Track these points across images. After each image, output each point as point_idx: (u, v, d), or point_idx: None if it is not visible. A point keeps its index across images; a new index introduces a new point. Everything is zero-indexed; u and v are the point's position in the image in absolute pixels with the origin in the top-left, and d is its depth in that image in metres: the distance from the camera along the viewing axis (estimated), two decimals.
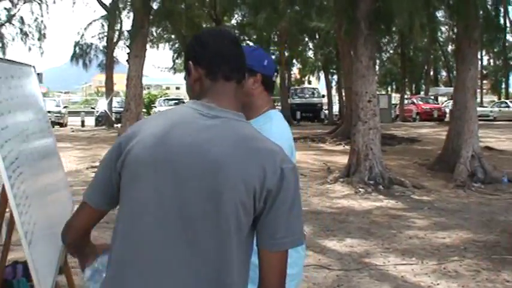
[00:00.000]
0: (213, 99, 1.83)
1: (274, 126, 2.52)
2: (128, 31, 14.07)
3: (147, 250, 1.72)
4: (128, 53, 16.16)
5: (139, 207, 1.74)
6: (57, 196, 4.13)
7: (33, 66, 4.28)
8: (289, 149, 2.46)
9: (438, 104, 41.32)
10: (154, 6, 17.04)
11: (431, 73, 50.02)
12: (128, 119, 13.88)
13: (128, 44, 19.92)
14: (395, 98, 45.96)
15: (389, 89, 53.57)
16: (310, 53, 42.05)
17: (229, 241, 1.70)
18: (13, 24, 36.77)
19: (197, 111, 1.80)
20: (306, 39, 35.97)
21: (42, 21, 35.55)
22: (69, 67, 35.39)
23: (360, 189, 10.79)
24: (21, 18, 36.43)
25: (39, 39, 35.70)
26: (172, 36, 31.45)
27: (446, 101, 41.42)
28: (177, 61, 36.24)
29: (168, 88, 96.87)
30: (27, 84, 3.72)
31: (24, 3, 35.40)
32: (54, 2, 40.50)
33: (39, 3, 35.11)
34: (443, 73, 53.71)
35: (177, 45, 33.55)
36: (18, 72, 3.47)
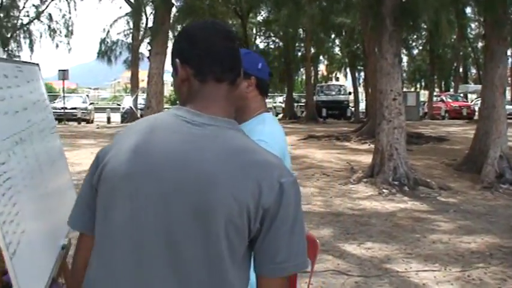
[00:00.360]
0: (201, 104, 1.61)
1: (266, 128, 2.46)
2: (149, 28, 13.92)
3: (126, 280, 1.50)
4: (149, 50, 16.10)
5: (116, 230, 1.52)
6: (60, 199, 3.97)
7: (37, 64, 4.13)
8: (281, 153, 2.34)
9: (467, 101, 40.62)
10: (177, 3, 16.96)
11: (461, 70, 49.22)
12: None
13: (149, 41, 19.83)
14: (424, 95, 45.32)
15: (418, 86, 52.87)
16: (337, 50, 41.74)
17: (221, 268, 1.48)
18: (41, 21, 37.31)
19: (182, 119, 1.58)
20: (333, 35, 35.61)
21: (70, 18, 36.00)
22: (99, 63, 35.62)
23: (384, 190, 10.52)
24: (50, 15, 36.91)
25: (66, 35, 36.30)
26: None
27: (476, 98, 40.65)
28: None
29: None
30: (25, 83, 3.55)
31: (52, 0, 35.72)
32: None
33: (67, 0, 35.51)
34: (473, 70, 52.82)
35: None
36: (13, 71, 3.30)
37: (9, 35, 40.26)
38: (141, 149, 1.53)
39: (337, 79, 52.66)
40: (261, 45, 41.00)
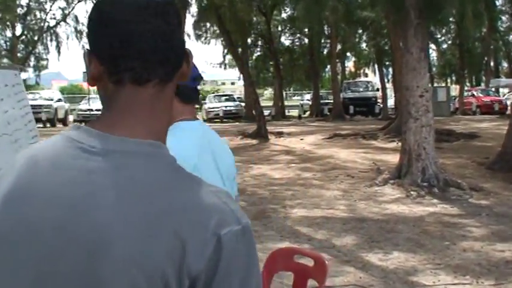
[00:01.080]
0: (114, 118, 1.08)
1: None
2: None
3: None
4: None
5: None
6: None
7: (17, 68, 3.74)
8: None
9: (499, 96, 39.59)
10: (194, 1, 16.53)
11: (492, 64, 48.13)
12: None
13: None
14: (455, 90, 44.42)
15: (448, 81, 51.95)
16: (365, 46, 41.15)
17: None
18: (68, 23, 37.57)
19: (77, 145, 1.04)
20: (360, 30, 35.00)
21: None
22: None
23: (412, 193, 9.97)
24: (76, 17, 37.14)
25: None
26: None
27: (508, 93, 39.63)
28: (227, 56, 35.83)
29: (223, 84, 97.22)
30: None
31: (78, 2, 35.93)
32: None
33: (92, 2, 35.63)
34: (505, 64, 51.67)
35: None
36: None
37: (36, 38, 40.61)
38: (13, 196, 1.04)
39: (365, 75, 52.01)
40: (287, 43, 40.63)
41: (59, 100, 32.30)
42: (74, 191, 1.00)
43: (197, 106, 2.54)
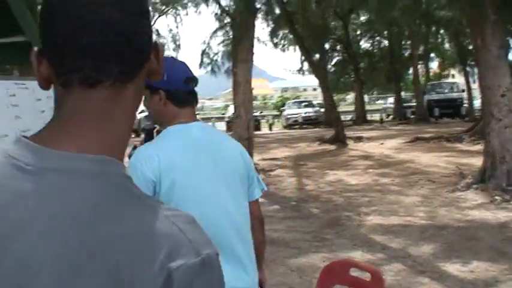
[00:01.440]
0: (60, 127, 0.90)
1: (144, 148, 2.29)
2: (232, 35, 13.54)
3: None
4: (233, 58, 15.84)
5: None
6: None
7: None
8: (157, 169, 2.11)
9: None
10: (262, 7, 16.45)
11: None
12: (238, 126, 13.40)
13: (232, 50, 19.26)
14: None
15: None
16: (448, 46, 39.86)
17: None
18: None
19: (11, 162, 0.87)
20: (442, 31, 33.96)
21: (177, 32, 36.90)
22: (211, 74, 36.05)
23: (496, 198, 9.45)
24: (157, 30, 38.01)
25: (174, 49, 37.21)
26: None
27: None
28: (305, 63, 35.55)
29: (305, 90, 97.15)
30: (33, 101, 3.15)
31: (159, 16, 36.78)
32: (187, 14, 41.55)
33: (174, 16, 36.55)
34: None
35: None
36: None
37: None
38: None
39: (452, 76, 50.47)
40: (366, 46, 40.00)
41: None
42: (3, 218, 0.85)
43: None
